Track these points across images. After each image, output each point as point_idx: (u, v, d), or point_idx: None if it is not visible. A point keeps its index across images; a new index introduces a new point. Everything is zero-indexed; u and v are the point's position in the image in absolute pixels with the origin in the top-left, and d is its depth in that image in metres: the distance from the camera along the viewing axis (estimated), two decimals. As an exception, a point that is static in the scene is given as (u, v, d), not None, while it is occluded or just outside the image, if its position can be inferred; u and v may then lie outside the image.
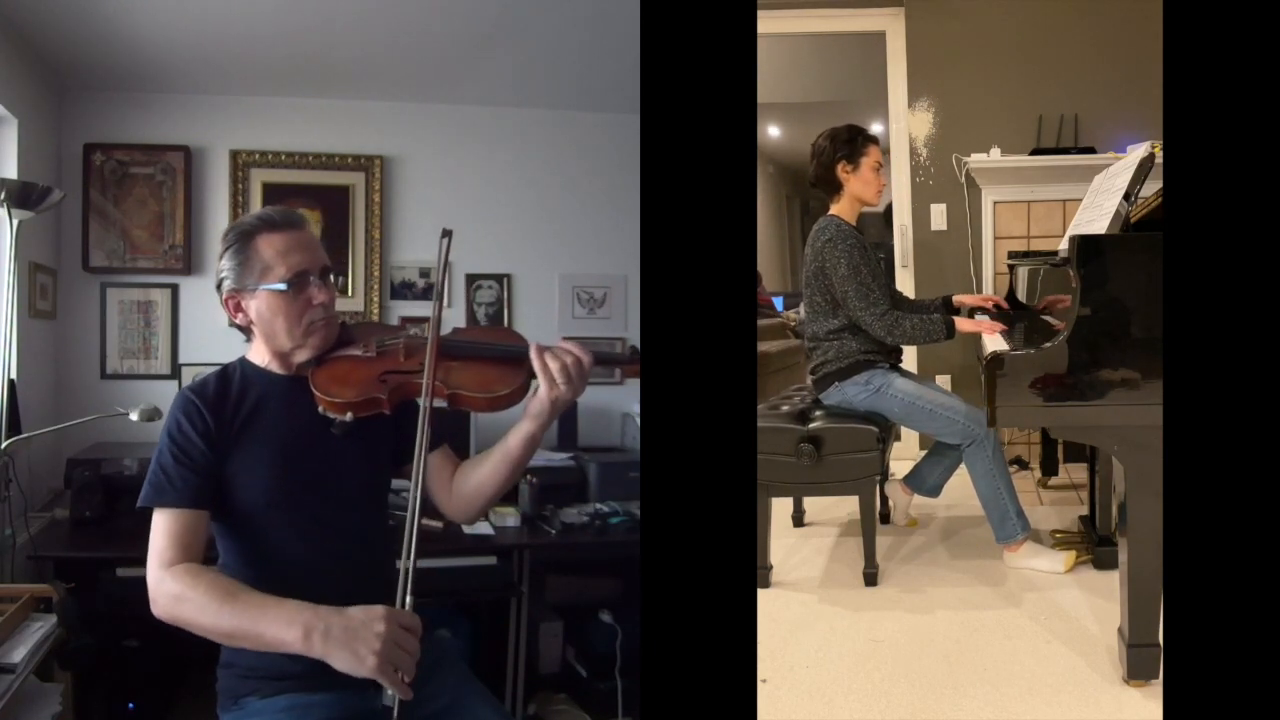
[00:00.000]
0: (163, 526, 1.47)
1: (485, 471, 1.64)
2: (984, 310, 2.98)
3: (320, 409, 1.53)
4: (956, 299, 3.05)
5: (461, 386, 1.54)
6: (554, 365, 1.51)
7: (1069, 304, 2.00)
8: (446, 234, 1.57)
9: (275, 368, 1.62)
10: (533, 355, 1.53)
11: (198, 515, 1.49)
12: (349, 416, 1.52)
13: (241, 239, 1.58)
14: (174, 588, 1.40)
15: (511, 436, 1.60)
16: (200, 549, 1.48)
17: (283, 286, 1.54)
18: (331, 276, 1.63)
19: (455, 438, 1.78)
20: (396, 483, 1.74)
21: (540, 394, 1.53)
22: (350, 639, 1.30)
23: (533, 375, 1.55)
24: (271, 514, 1.54)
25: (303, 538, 1.55)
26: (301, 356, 1.59)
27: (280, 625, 1.34)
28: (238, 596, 1.38)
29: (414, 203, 3.80)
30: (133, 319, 3.54)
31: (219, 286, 1.60)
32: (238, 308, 1.59)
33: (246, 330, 1.63)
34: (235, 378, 1.60)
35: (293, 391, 1.58)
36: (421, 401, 1.47)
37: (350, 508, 1.60)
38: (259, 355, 1.63)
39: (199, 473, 1.50)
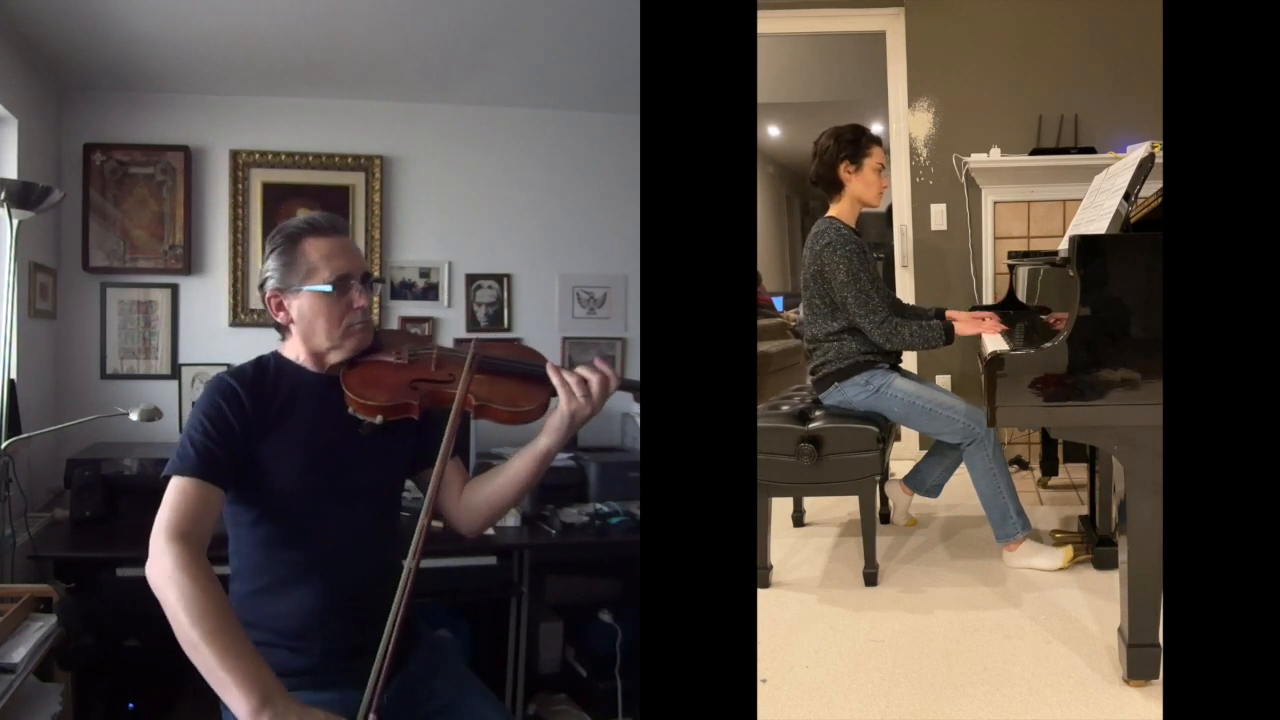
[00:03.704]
0: (175, 493, 1.46)
1: (498, 485, 1.68)
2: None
3: (350, 409, 1.57)
4: (949, 314, 2.96)
5: (489, 400, 1.60)
6: (573, 380, 1.57)
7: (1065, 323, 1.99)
8: (475, 354, 1.61)
9: (308, 365, 1.65)
10: (550, 371, 1.59)
11: (213, 491, 1.48)
12: (379, 419, 1.56)
13: (288, 241, 1.63)
14: (169, 565, 1.36)
15: (527, 451, 1.64)
16: (207, 530, 1.46)
17: (328, 289, 1.59)
18: (372, 283, 1.68)
19: (458, 445, 1.80)
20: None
21: (560, 408, 1.59)
22: None
23: (553, 393, 1.60)
24: (290, 505, 1.56)
25: (316, 532, 1.58)
26: (336, 357, 1.63)
27: (244, 682, 1.28)
28: (225, 621, 1.34)
29: (414, 203, 3.79)
30: (133, 319, 3.54)
31: (262, 285, 1.66)
32: (280, 306, 1.64)
33: (283, 328, 1.66)
34: (270, 368, 1.64)
35: (323, 389, 1.62)
36: (451, 412, 1.51)
37: (367, 506, 1.64)
38: (293, 351, 1.67)
39: (226, 449, 1.51)
